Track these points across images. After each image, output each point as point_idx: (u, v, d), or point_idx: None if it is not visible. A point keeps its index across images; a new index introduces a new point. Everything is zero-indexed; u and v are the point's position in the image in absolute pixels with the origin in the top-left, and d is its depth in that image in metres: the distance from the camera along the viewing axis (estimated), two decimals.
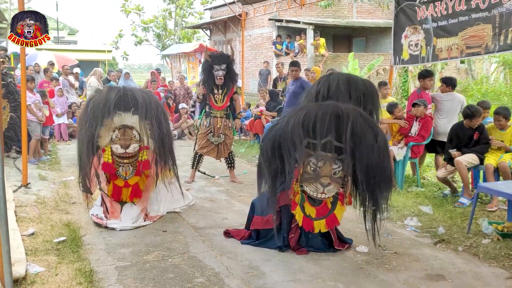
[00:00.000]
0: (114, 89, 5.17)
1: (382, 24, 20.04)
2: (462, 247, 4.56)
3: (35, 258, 4.08)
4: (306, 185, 4.21)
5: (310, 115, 4.02)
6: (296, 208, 4.31)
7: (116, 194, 5.21)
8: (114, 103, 4.94)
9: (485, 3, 6.38)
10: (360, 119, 4.02)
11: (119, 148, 5.01)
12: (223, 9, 24.38)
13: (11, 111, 8.20)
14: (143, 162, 5.16)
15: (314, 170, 4.14)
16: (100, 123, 4.93)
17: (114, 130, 5.03)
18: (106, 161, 5.09)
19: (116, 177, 5.18)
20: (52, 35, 37.25)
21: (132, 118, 5.06)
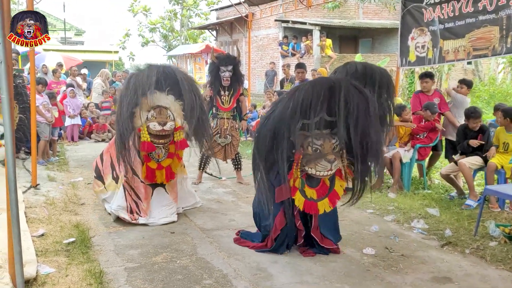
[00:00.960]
0: (154, 67, 5.17)
1: (388, 25, 20.02)
2: (469, 250, 4.57)
3: (46, 259, 4.13)
4: (311, 166, 4.15)
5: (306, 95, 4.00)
6: (296, 193, 4.26)
7: (150, 176, 5.26)
8: (154, 80, 4.98)
9: (492, 5, 6.38)
10: (351, 87, 4.03)
11: (157, 125, 5.05)
12: (229, 10, 24.42)
13: (19, 113, 8.24)
14: (180, 141, 5.24)
15: (316, 149, 4.12)
16: (137, 99, 4.97)
17: (149, 110, 5.09)
18: (145, 140, 5.10)
19: (150, 159, 5.22)
20: (59, 36, 37.59)
21: (167, 98, 5.15)
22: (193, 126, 5.19)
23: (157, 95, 5.10)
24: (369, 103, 4.03)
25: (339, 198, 4.45)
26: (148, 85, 4.95)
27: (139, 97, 4.97)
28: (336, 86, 4.00)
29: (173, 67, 5.54)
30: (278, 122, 4.06)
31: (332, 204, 4.36)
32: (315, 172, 4.15)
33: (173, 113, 5.19)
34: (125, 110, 4.93)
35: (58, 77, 12.45)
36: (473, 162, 6.08)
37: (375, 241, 4.81)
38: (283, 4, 15.03)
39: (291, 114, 3.99)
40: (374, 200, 6.29)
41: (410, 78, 14.74)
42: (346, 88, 3.99)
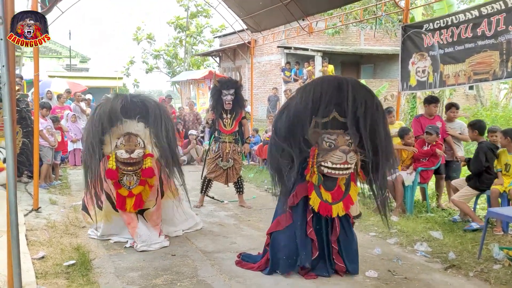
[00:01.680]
0: (120, 96, 5.24)
1: (389, 51, 20.22)
2: (473, 273, 4.51)
3: (45, 281, 4.10)
4: (327, 159, 4.18)
5: (316, 92, 4.16)
6: (312, 193, 4.29)
7: (120, 203, 5.22)
8: (120, 110, 5.02)
9: (491, 30, 6.46)
10: (358, 85, 4.26)
11: (124, 153, 5.04)
12: (232, 36, 24.73)
13: (23, 137, 8.33)
14: (146, 169, 5.16)
15: (330, 144, 4.20)
16: (104, 128, 5.00)
17: (119, 137, 5.10)
18: (110, 167, 5.10)
19: (120, 186, 5.19)
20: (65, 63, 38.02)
21: (137, 125, 5.16)
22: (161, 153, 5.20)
23: (127, 123, 5.13)
24: (375, 100, 4.21)
25: (353, 203, 4.48)
26: (115, 112, 5.00)
27: (106, 125, 5.00)
28: (344, 83, 4.16)
29: (143, 95, 5.56)
30: (293, 118, 4.18)
31: (345, 208, 4.37)
32: (331, 165, 4.18)
33: (143, 140, 5.18)
34: (90, 138, 5.00)
35: (62, 102, 12.55)
36: (463, 195, 6.11)
37: (377, 264, 4.76)
38: (285, 31, 15.23)
39: (303, 111, 4.13)
40: (376, 223, 6.25)
41: (412, 103, 14.78)
42: (354, 85, 4.17)
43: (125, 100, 5.13)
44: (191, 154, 12.66)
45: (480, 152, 6.08)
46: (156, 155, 5.25)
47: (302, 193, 4.34)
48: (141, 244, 5.13)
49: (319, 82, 4.37)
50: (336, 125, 4.25)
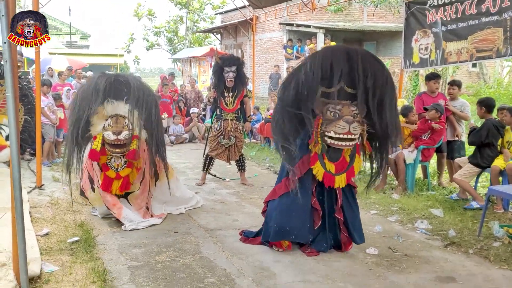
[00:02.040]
0: (105, 75, 5.18)
1: (392, 28, 20.01)
2: (473, 250, 4.56)
3: (50, 258, 4.15)
4: (330, 128, 4.15)
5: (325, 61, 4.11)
6: (316, 163, 4.28)
7: (106, 185, 5.21)
8: (103, 89, 4.97)
9: (495, 6, 6.39)
10: (368, 56, 4.23)
11: (111, 134, 5.01)
12: (233, 13, 24.50)
13: (25, 114, 8.31)
14: (130, 152, 5.13)
15: (334, 114, 4.17)
16: (88, 109, 4.95)
17: (107, 119, 5.07)
18: (94, 148, 5.08)
19: (108, 168, 5.20)
20: (65, 40, 37.79)
21: (125, 107, 5.10)
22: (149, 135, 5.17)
23: (114, 104, 5.06)
24: (385, 72, 4.17)
25: (354, 175, 4.49)
26: (97, 92, 4.94)
27: (88, 105, 4.95)
28: (353, 54, 4.12)
29: (128, 75, 5.50)
30: (301, 87, 4.13)
31: (347, 180, 4.37)
32: (334, 135, 4.15)
33: (132, 122, 5.11)
34: (74, 118, 4.97)
35: (63, 79, 12.51)
36: (464, 173, 6.11)
37: (378, 241, 4.80)
38: (287, 7, 15.07)
39: (311, 80, 4.09)
40: (377, 201, 6.29)
41: (415, 81, 14.72)
42: (364, 56, 4.14)
43: (110, 79, 5.06)
44: (192, 132, 12.67)
45: (483, 127, 6.04)
46: (144, 137, 5.21)
47: (307, 163, 4.32)
48: (129, 224, 5.13)
49: (328, 51, 4.32)
50: (343, 96, 4.19)
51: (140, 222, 5.20)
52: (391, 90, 4.24)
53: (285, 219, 4.35)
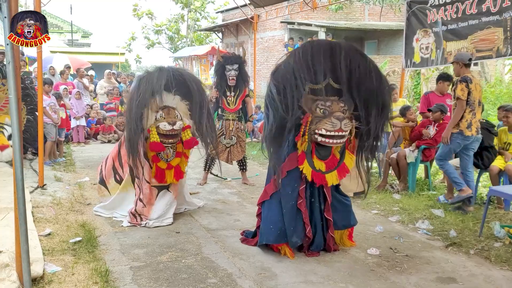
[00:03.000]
0: (164, 70, 5.25)
1: (394, 26, 20.01)
2: (474, 250, 4.57)
3: (52, 258, 4.17)
4: (321, 126, 4.09)
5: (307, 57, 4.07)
6: (304, 162, 4.22)
7: (160, 176, 5.33)
8: (163, 83, 5.07)
9: (496, 6, 6.39)
10: (351, 49, 4.16)
11: (167, 125, 5.12)
12: (235, 11, 24.48)
13: (27, 114, 8.34)
14: (188, 140, 5.32)
15: (324, 111, 4.12)
16: (147, 103, 5.05)
17: (158, 111, 5.17)
18: (154, 140, 5.16)
19: (159, 160, 5.30)
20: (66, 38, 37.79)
21: (174, 98, 5.25)
22: (201, 125, 5.29)
23: (164, 95, 5.16)
24: (369, 64, 4.11)
25: (348, 171, 4.43)
26: (158, 87, 5.04)
27: (148, 98, 5.04)
28: (336, 49, 4.07)
29: (181, 69, 5.66)
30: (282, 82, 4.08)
31: (340, 177, 4.33)
32: (325, 132, 4.09)
33: (180, 113, 5.28)
34: (135, 112, 4.99)
35: (65, 78, 12.51)
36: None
37: (379, 242, 4.82)
38: (288, 6, 15.07)
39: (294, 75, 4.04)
40: (378, 200, 6.31)
41: (416, 80, 14.70)
42: (347, 50, 4.08)
43: (169, 74, 5.16)
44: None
45: None
46: (193, 126, 5.38)
47: (293, 163, 4.25)
48: (154, 221, 5.22)
49: (310, 46, 4.21)
50: (330, 92, 4.14)
51: (165, 219, 5.31)
52: (377, 82, 4.14)
53: (277, 219, 4.31)
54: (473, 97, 5.65)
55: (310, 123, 4.14)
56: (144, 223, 5.22)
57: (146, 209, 5.28)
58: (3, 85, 7.66)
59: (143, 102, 5.00)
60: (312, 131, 4.15)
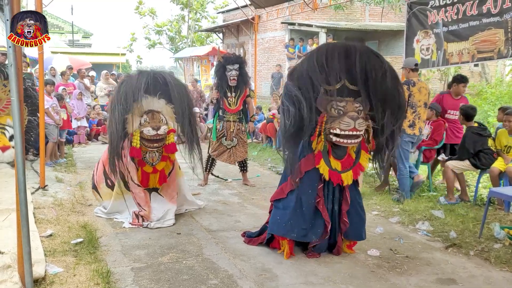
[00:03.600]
0: (144, 73, 5.26)
1: (394, 27, 20.00)
2: (474, 252, 4.59)
3: (54, 259, 4.19)
4: (335, 125, 4.12)
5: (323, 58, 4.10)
6: (321, 162, 4.26)
7: (145, 180, 5.35)
8: (144, 87, 5.05)
9: (496, 8, 6.40)
10: (367, 51, 4.19)
11: (151, 130, 5.11)
12: (235, 12, 24.49)
13: (28, 115, 8.35)
14: (169, 145, 5.32)
15: (339, 111, 4.15)
16: (130, 108, 5.04)
17: (142, 115, 5.16)
18: (134, 145, 5.16)
19: (144, 164, 5.31)
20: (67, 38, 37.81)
21: (159, 102, 5.23)
22: (185, 129, 5.27)
23: (148, 99, 5.16)
24: (384, 65, 4.14)
25: (363, 170, 4.49)
26: (138, 90, 5.02)
27: (130, 103, 5.02)
28: (352, 50, 4.11)
29: (164, 72, 5.60)
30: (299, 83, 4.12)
31: (355, 176, 4.35)
32: (340, 132, 4.12)
33: (165, 117, 5.26)
34: (117, 117, 5.00)
35: (66, 79, 12.55)
36: (459, 166, 6.15)
37: (379, 243, 4.83)
38: (289, 7, 15.06)
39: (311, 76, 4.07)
40: (379, 202, 6.32)
41: None
42: (362, 52, 4.11)
43: (149, 77, 5.15)
44: None
45: (466, 140, 6.14)
46: (177, 131, 5.37)
47: (310, 163, 4.29)
48: (155, 223, 5.24)
49: (324, 49, 4.26)
50: (346, 93, 4.18)
51: (166, 220, 5.31)
52: (393, 84, 4.19)
53: (292, 214, 4.31)
54: (416, 99, 6.26)
55: (325, 123, 4.18)
56: (146, 224, 5.23)
57: (146, 212, 5.30)
58: (4, 86, 7.67)
59: (124, 106, 4.99)
60: (327, 131, 4.19)
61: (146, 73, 5.22)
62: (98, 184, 5.79)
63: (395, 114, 4.24)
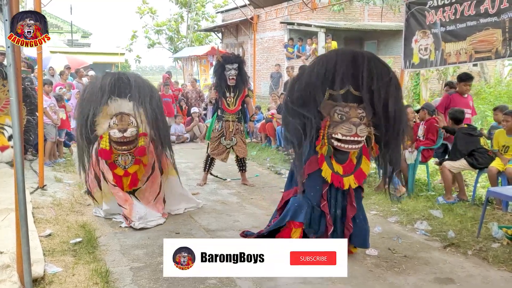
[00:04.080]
0: (109, 74, 5.27)
1: (393, 27, 20.00)
2: (472, 251, 4.60)
3: (53, 259, 4.20)
4: (337, 130, 4.16)
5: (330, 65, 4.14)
6: (323, 164, 4.28)
7: (119, 182, 5.33)
8: (109, 89, 5.06)
9: (494, 8, 6.41)
10: (374, 59, 4.24)
11: (117, 132, 5.09)
12: (235, 12, 24.49)
13: (27, 114, 8.35)
14: (139, 148, 5.24)
15: (342, 116, 4.18)
16: (95, 109, 5.04)
17: (112, 117, 5.14)
18: (103, 147, 5.17)
19: (116, 166, 5.29)
20: (66, 38, 37.77)
21: (129, 104, 5.18)
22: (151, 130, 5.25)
23: (118, 102, 5.14)
24: (390, 74, 4.19)
25: (365, 177, 4.50)
26: (102, 92, 5.04)
27: (95, 105, 5.04)
28: (359, 57, 4.15)
29: (130, 74, 5.60)
30: (305, 89, 4.15)
31: (357, 181, 4.37)
32: (341, 137, 4.15)
33: (137, 119, 5.20)
34: (81, 118, 5.06)
35: (65, 79, 12.55)
36: (456, 166, 6.17)
37: (378, 242, 4.84)
38: (288, 7, 15.08)
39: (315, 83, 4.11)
40: (377, 201, 6.33)
41: (416, 80, 14.74)
42: (369, 59, 4.16)
43: (114, 78, 5.15)
44: (193, 132, 12.71)
45: (457, 141, 6.17)
46: (149, 134, 5.30)
47: (314, 165, 4.31)
48: (139, 222, 5.19)
49: (333, 54, 4.33)
50: (350, 99, 4.21)
51: (149, 221, 5.26)
52: (395, 92, 4.23)
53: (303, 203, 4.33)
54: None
55: (328, 127, 4.22)
56: (132, 224, 5.20)
57: (127, 210, 5.27)
58: (3, 86, 7.67)
59: (87, 109, 5.03)
60: (329, 135, 4.22)
61: (111, 75, 5.24)
62: (92, 189, 5.75)
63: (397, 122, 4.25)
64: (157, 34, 34.94)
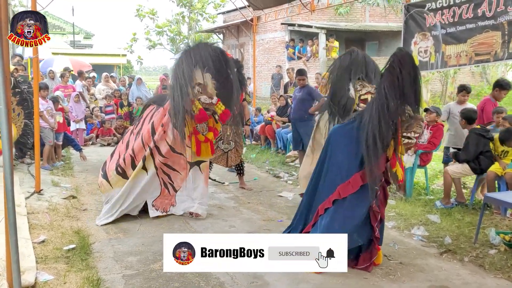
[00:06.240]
0: (205, 46, 5.54)
1: (395, 27, 19.92)
2: (468, 258, 4.55)
3: (45, 266, 4.17)
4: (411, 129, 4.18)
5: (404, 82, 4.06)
6: (396, 164, 4.25)
7: (199, 149, 5.58)
8: (204, 59, 5.33)
9: (491, 11, 6.39)
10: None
11: (207, 98, 5.38)
12: (235, 13, 24.46)
13: (25, 118, 8.35)
14: (223, 112, 5.55)
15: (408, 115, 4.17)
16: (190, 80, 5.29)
17: (194, 86, 5.37)
18: (200, 108, 5.38)
19: (198, 132, 5.57)
20: (69, 39, 37.82)
21: (205, 76, 5.42)
22: (233, 105, 5.67)
23: (199, 72, 5.37)
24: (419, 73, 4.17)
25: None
26: (203, 60, 5.30)
27: (193, 71, 5.28)
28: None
29: (219, 49, 5.81)
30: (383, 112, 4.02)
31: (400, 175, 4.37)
32: (414, 135, 4.21)
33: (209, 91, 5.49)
34: (184, 82, 5.21)
35: (65, 81, 12.55)
36: (459, 171, 6.12)
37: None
38: (287, 8, 15.03)
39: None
40: None
41: None
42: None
43: (209, 50, 5.41)
44: None
45: (470, 141, 6.08)
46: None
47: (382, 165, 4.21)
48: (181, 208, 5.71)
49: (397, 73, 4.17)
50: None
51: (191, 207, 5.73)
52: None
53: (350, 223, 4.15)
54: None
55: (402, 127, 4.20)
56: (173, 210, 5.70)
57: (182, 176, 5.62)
58: None
59: (189, 73, 5.24)
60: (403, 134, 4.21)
61: (207, 47, 5.51)
62: (109, 171, 5.81)
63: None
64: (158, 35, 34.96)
